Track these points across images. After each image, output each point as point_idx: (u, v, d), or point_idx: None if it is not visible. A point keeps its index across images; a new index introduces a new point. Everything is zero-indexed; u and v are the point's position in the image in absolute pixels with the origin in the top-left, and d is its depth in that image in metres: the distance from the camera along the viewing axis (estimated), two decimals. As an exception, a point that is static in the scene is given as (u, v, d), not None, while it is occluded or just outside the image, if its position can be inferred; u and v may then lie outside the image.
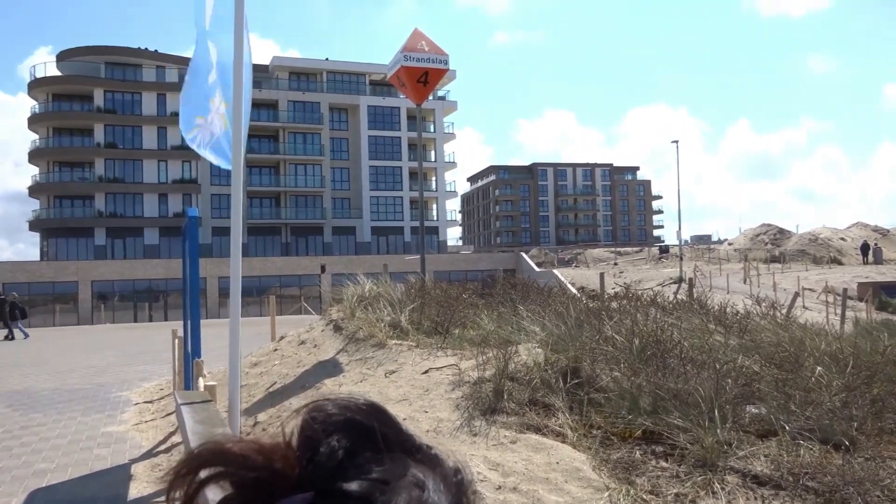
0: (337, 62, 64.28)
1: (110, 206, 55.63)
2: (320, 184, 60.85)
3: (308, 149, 60.87)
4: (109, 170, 55.72)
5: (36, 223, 56.26)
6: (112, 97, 56.36)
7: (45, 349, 20.66)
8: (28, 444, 7.83)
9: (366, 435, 0.65)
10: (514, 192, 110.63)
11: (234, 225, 4.66)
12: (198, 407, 3.83)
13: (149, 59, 57.88)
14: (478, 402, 5.64)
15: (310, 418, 0.67)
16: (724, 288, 32.06)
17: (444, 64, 10.63)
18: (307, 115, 61.00)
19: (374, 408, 0.69)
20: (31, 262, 48.61)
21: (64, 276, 44.07)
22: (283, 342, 10.82)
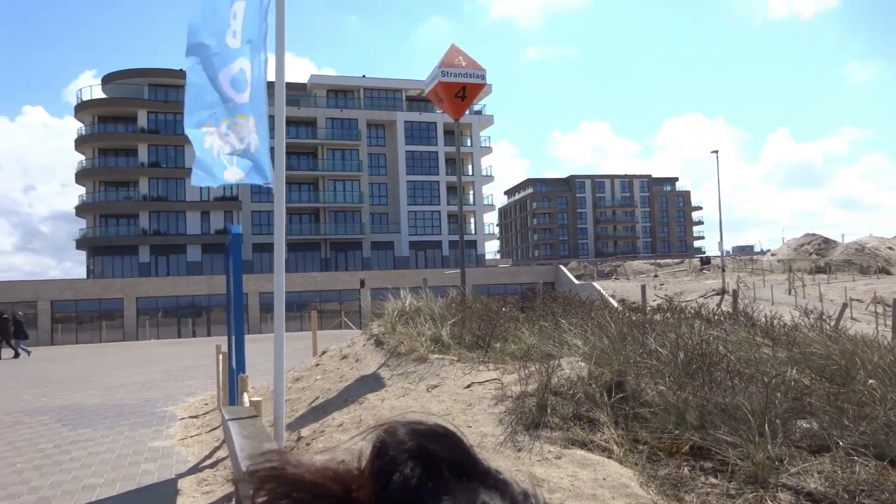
0: (373, 79, 64.98)
1: (154, 224, 56.90)
2: (359, 199, 61.40)
3: (346, 165, 61.54)
4: (153, 188, 57.07)
5: (83, 242, 57.81)
6: (155, 118, 57.78)
7: (93, 365, 21.14)
8: (77, 458, 8.00)
9: (437, 461, 0.65)
10: (551, 204, 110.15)
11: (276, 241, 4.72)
12: (245, 422, 3.86)
13: (190, 80, 59.18)
14: (521, 416, 5.60)
15: (381, 444, 0.67)
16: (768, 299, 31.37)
17: (481, 78, 10.67)
18: (345, 132, 61.72)
19: (444, 432, 0.69)
20: (78, 279, 49.94)
21: (110, 294, 45.14)
22: (324, 357, 10.89)
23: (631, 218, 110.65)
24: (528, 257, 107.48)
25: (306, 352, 13.83)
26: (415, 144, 63.77)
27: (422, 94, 65.41)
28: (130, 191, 57.28)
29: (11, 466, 7.70)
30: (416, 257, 63.01)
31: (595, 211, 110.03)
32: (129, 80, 58.14)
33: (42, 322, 42.89)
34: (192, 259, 56.61)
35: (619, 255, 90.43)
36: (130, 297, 45.09)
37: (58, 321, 43.67)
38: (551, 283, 51.13)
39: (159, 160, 57.38)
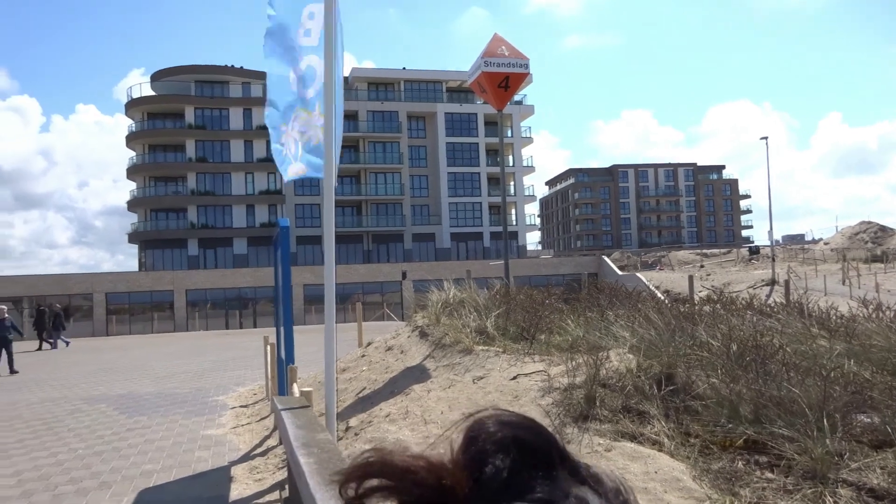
0: (413, 71, 65.06)
1: (202, 217, 58.07)
2: (400, 191, 61.66)
3: (387, 157, 61.82)
4: (201, 183, 58.21)
5: (134, 235, 59.35)
6: (202, 114, 58.87)
7: (146, 355, 21.71)
8: (135, 445, 8.24)
9: (529, 454, 0.65)
10: (593, 194, 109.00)
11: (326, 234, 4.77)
12: (297, 412, 3.93)
13: (235, 75, 60.17)
14: (569, 408, 5.57)
15: (471, 434, 0.67)
16: (820, 290, 30.55)
17: (524, 68, 10.59)
18: (386, 125, 61.98)
19: (533, 424, 0.69)
20: (130, 272, 51.30)
21: (160, 286, 46.25)
22: (370, 348, 10.99)
23: (676, 207, 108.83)
24: (569, 248, 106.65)
25: (351, 343, 13.98)
26: (455, 136, 63.69)
27: (462, 86, 65.32)
28: (179, 185, 58.54)
29: (73, 452, 7.97)
30: (458, 249, 63.05)
31: (638, 200, 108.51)
32: (176, 78, 59.35)
33: (97, 314, 44.19)
34: (239, 252, 57.66)
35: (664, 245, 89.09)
36: (180, 289, 46.13)
37: (112, 312, 44.93)
38: (594, 274, 50.66)
39: (206, 155, 58.50)
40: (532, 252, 73.32)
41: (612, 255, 61.29)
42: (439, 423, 5.89)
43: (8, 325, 18.23)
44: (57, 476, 6.91)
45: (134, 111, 59.63)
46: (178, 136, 58.22)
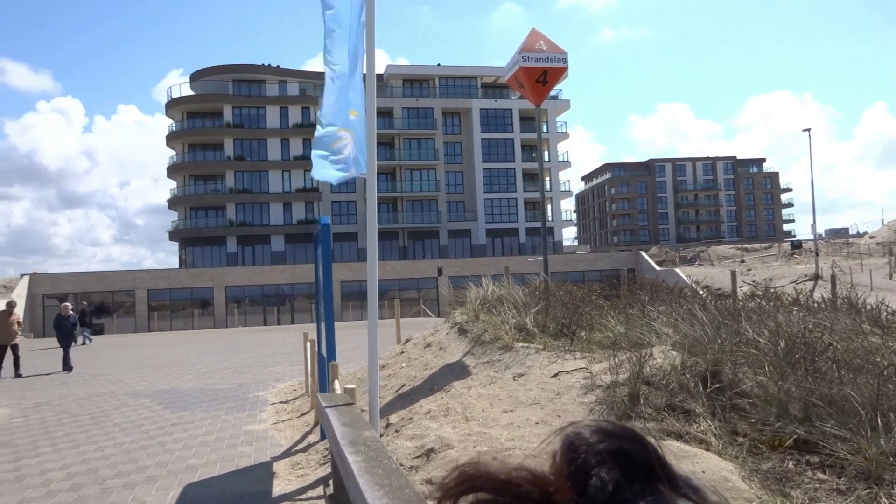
0: (448, 67, 65.01)
1: (240, 215, 58.89)
2: (435, 188, 61.71)
3: (422, 154, 61.91)
4: (239, 181, 59.02)
5: (175, 233, 60.46)
6: (239, 112, 59.67)
7: (187, 351, 22.10)
8: (179, 440, 8.38)
9: (632, 465, 0.62)
10: (630, 189, 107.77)
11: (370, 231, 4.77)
12: (341, 409, 3.94)
13: (271, 74, 60.83)
14: (612, 406, 5.50)
15: (572, 445, 0.65)
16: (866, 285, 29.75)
17: (562, 62, 10.48)
18: (421, 121, 62.06)
19: (633, 434, 0.66)
20: (171, 269, 52.29)
21: (200, 283, 47.05)
22: (408, 345, 11.01)
23: (714, 201, 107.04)
24: (606, 244, 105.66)
25: (389, 339, 14.04)
26: (490, 132, 63.50)
27: (497, 81, 65.07)
28: (218, 184, 59.46)
29: (120, 446, 8.14)
30: (493, 245, 62.91)
31: (676, 195, 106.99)
32: (214, 77, 60.25)
33: (139, 310, 45.15)
34: (276, 249, 58.35)
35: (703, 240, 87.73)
36: (220, 285, 46.87)
37: (153, 309, 45.86)
38: (631, 269, 50.12)
39: (244, 153, 59.29)
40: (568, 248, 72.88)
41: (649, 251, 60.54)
42: (480, 421, 5.87)
43: (73, 322, 18.04)
44: (104, 469, 7.06)
45: (174, 111, 60.69)
46: (217, 135, 59.10)
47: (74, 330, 17.92)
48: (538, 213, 64.13)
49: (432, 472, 4.99)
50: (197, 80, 60.94)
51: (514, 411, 6.01)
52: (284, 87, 60.38)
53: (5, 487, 6.53)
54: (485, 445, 5.18)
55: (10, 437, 8.99)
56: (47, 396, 12.69)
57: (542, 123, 64.38)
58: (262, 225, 58.98)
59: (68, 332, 17.53)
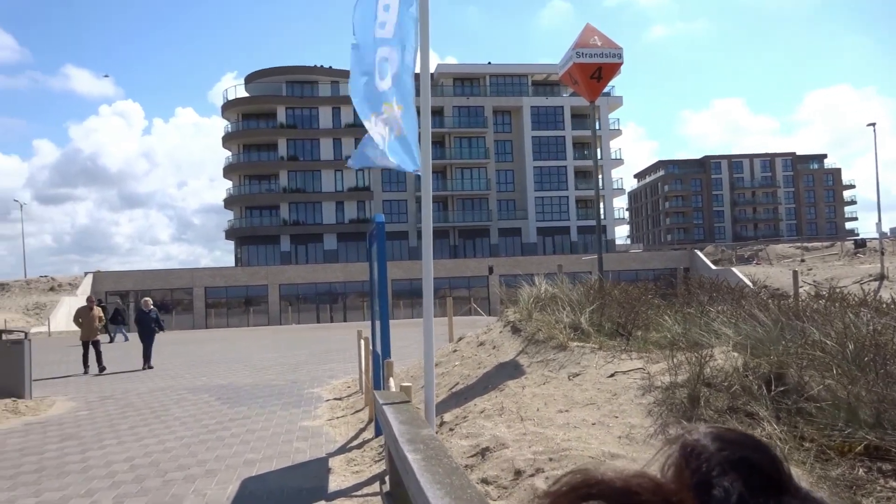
0: (499, 65, 64.81)
1: (293, 214, 59.86)
2: (486, 186, 61.61)
3: (473, 152, 61.88)
4: (292, 181, 60.00)
5: (231, 232, 61.83)
6: (292, 113, 60.65)
7: (243, 348, 22.57)
8: (237, 434, 8.55)
9: (756, 476, 0.58)
10: (684, 187, 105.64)
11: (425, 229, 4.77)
12: (398, 407, 3.94)
13: (323, 75, 61.66)
14: (672, 408, 5.38)
15: (692, 452, 0.61)
16: (936, 285, 28.51)
17: (618, 58, 10.31)
18: (471, 120, 62.03)
19: (755, 442, 0.62)
20: (227, 267, 53.51)
21: (255, 281, 48.00)
22: (461, 343, 11.01)
23: (773, 199, 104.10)
24: (659, 242, 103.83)
25: (441, 338, 14.05)
26: (541, 129, 63.07)
27: (548, 79, 64.57)
28: (272, 183, 60.57)
29: (180, 439, 8.34)
30: (544, 243, 62.48)
31: (733, 192, 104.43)
32: (268, 79, 61.38)
33: (197, 307, 46.32)
34: (329, 247, 59.11)
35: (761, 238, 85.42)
36: (274, 283, 47.74)
37: (210, 306, 46.99)
38: (686, 268, 49.13)
39: (297, 154, 60.25)
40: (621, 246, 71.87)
41: (704, 249, 59.26)
42: (535, 420, 5.82)
43: (154, 318, 17.34)
44: (166, 462, 7.24)
45: (229, 112, 62.05)
46: (271, 136, 60.19)
47: (155, 325, 17.22)
48: (590, 211, 63.41)
49: (487, 472, 4.97)
50: (251, 82, 62.19)
51: (570, 411, 5.93)
52: (336, 87, 61.09)
53: (73, 478, 6.76)
54: (540, 446, 5.12)
55: (77, 430, 9.32)
56: (111, 390, 13.10)
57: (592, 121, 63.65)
58: (314, 224, 59.83)
59: (150, 328, 17.03)
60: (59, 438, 8.79)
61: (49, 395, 12.44)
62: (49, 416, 10.49)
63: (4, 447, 8.39)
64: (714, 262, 52.52)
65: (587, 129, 63.22)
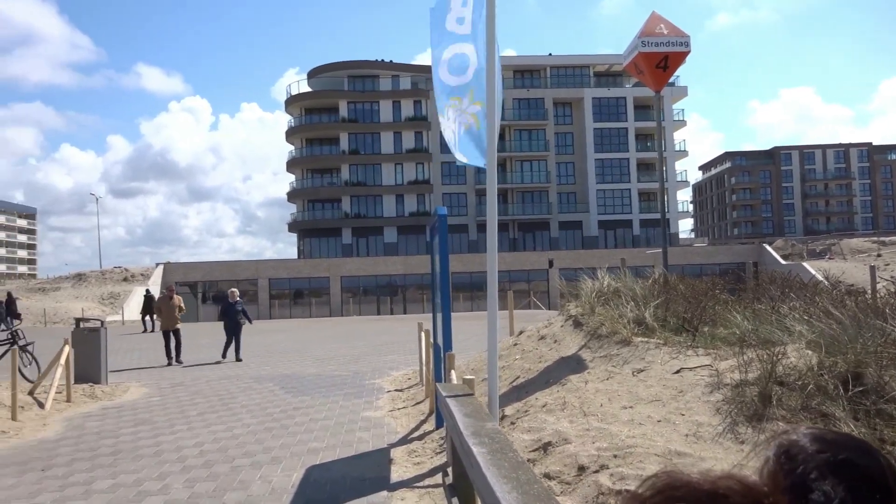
0: (559, 56, 64.06)
1: (355, 207, 60.64)
2: (546, 179, 61.09)
3: (533, 145, 61.42)
4: (353, 174, 60.76)
5: (294, 225, 63.08)
6: (354, 107, 61.36)
7: (306, 339, 22.99)
8: (301, 423, 8.71)
9: (863, 481, 0.54)
10: (752, 179, 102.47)
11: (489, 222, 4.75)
12: (462, 400, 3.94)
13: (384, 69, 62.15)
14: (741, 406, 5.23)
15: (788, 454, 0.57)
16: None
17: (684, 46, 10.03)
18: (531, 112, 61.55)
19: (858, 443, 0.58)
20: (290, 259, 54.65)
21: (317, 273, 48.86)
22: (522, 337, 10.94)
23: (847, 191, 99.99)
24: (725, 236, 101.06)
25: (502, 331, 13.96)
26: (603, 121, 62.11)
27: (610, 70, 63.49)
28: (334, 177, 61.48)
29: (247, 427, 8.56)
30: (606, 237, 61.60)
31: (803, 184, 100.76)
32: (330, 74, 62.24)
33: (261, 298, 47.44)
34: (389, 240, 59.68)
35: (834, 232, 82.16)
36: (335, 275, 48.50)
37: (274, 297, 48.07)
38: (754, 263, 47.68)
39: (358, 147, 60.96)
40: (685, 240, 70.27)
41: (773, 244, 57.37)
42: (599, 416, 5.74)
43: (240, 310, 16.48)
44: (233, 449, 7.44)
45: (293, 107, 63.20)
46: (333, 130, 61.06)
47: (240, 318, 16.38)
48: (652, 204, 62.15)
49: (550, 467, 4.92)
50: (314, 77, 63.17)
51: (634, 408, 5.83)
52: (397, 81, 61.54)
53: (146, 461, 7.02)
54: (604, 442, 5.05)
55: (150, 415, 9.66)
56: (181, 378, 13.54)
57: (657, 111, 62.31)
58: (375, 217, 60.48)
59: (236, 321, 16.25)
60: (133, 423, 9.14)
61: (123, 381, 12.94)
62: (124, 402, 10.91)
63: (83, 430, 8.78)
64: (784, 257, 50.80)
65: (650, 120, 61.95)
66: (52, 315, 38.15)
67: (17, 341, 12.73)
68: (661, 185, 10.71)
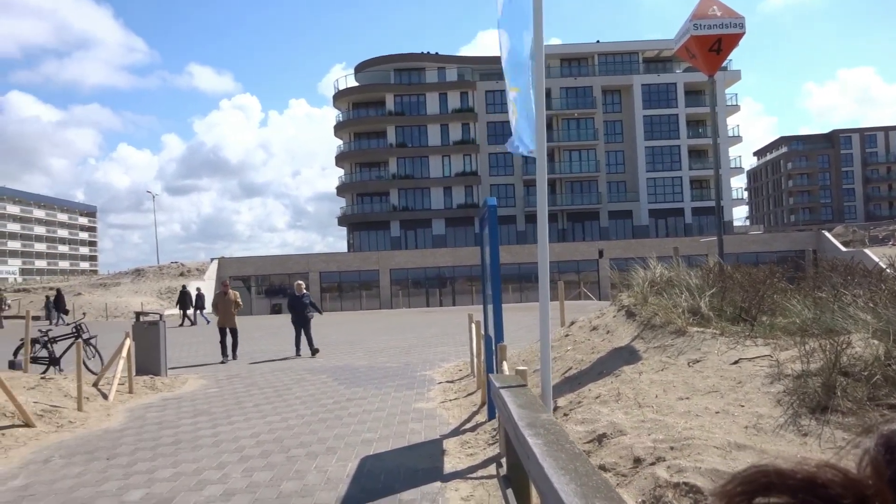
0: (608, 43, 63.07)
1: (403, 200, 60.96)
2: (595, 168, 60.34)
3: (581, 134, 60.70)
4: (401, 168, 61.07)
5: (343, 219, 63.77)
6: (400, 100, 61.59)
7: (357, 331, 23.24)
8: (354, 414, 8.81)
9: None
10: (809, 163, 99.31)
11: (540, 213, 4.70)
12: (516, 391, 3.91)
13: (430, 62, 62.19)
14: (804, 398, 5.07)
15: (889, 445, 0.54)
16: None
17: (739, 28, 9.73)
18: (579, 101, 60.78)
19: None
20: (340, 253, 55.28)
21: (367, 266, 49.33)
22: (573, 327, 10.85)
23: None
24: (782, 223, 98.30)
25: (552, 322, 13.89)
26: (653, 108, 60.95)
27: (660, 55, 62.22)
28: (381, 170, 61.90)
29: (301, 418, 8.70)
30: (657, 226, 60.55)
31: (865, 169, 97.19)
32: (377, 68, 62.60)
33: (312, 291, 48.07)
34: (437, 232, 59.83)
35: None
36: (384, 268, 48.90)
37: (325, 290, 48.72)
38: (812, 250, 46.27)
39: (405, 140, 61.19)
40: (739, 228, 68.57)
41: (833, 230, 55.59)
42: (654, 408, 5.64)
43: (307, 303, 15.86)
44: (289, 439, 7.56)
45: (340, 102, 63.79)
46: (380, 124, 61.43)
47: (308, 310, 15.81)
48: (705, 191, 60.81)
49: (605, 459, 4.86)
50: (361, 71, 63.61)
51: (691, 399, 5.71)
52: (443, 73, 61.51)
53: (206, 451, 7.19)
54: (661, 433, 4.96)
55: (208, 406, 9.90)
56: (237, 369, 13.84)
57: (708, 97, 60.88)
58: (423, 209, 60.69)
59: (303, 314, 15.69)
60: (192, 413, 9.38)
61: (182, 373, 13.29)
62: (182, 393, 11.20)
63: (145, 420, 9.05)
64: (844, 244, 49.19)
65: (702, 105, 60.55)
66: (112, 309, 39.43)
67: (81, 335, 13.22)
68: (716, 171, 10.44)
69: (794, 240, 51.28)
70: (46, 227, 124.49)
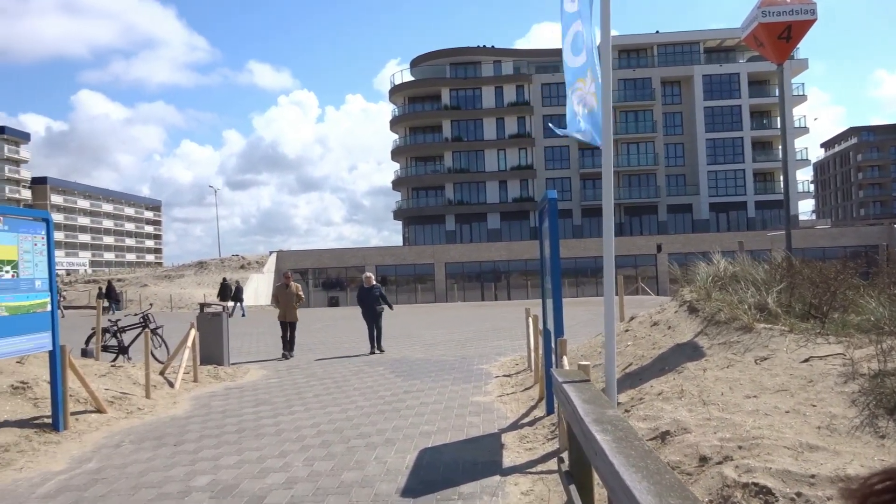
0: (667, 34, 61.71)
1: (458, 194, 61.02)
2: (653, 161, 59.22)
3: (640, 126, 59.66)
4: (456, 161, 61.12)
5: (399, 213, 64.25)
6: (456, 94, 61.60)
7: (413, 324, 23.38)
8: (412, 407, 8.85)
9: None
10: (881, 155, 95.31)
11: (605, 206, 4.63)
12: (579, 386, 3.86)
13: (486, 55, 61.98)
14: (881, 398, 4.87)
15: None
16: None
17: (810, 14, 9.36)
18: (638, 92, 59.72)
19: None
20: (396, 247, 55.72)
21: (422, 259, 49.59)
22: (633, 323, 10.67)
23: None
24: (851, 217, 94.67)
25: (610, 317, 13.70)
26: (714, 99, 59.41)
27: (722, 45, 60.56)
28: (437, 164, 62.09)
29: (360, 409, 8.79)
30: (717, 220, 59.07)
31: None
32: (432, 62, 62.76)
33: (368, 285, 48.68)
34: (492, 226, 59.70)
35: (976, 211, 75.25)
36: (440, 262, 49.07)
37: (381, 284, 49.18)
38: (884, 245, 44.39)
39: (461, 134, 61.21)
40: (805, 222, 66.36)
41: (906, 225, 53.16)
42: (720, 406, 5.50)
43: (377, 295, 14.98)
44: (348, 430, 7.65)
45: (396, 97, 64.20)
46: (436, 118, 61.59)
47: (378, 304, 14.97)
48: (769, 184, 59.03)
49: (669, 457, 4.76)
50: (416, 66, 63.86)
51: (759, 397, 5.55)
52: (499, 66, 61.25)
53: (268, 440, 7.34)
54: (727, 432, 4.83)
55: (269, 396, 10.10)
56: (296, 361, 14.09)
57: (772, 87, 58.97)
58: (478, 203, 60.64)
59: (373, 308, 14.91)
60: (254, 403, 9.58)
61: (244, 364, 13.60)
62: (244, 383, 11.46)
63: (210, 408, 9.29)
64: (918, 239, 47.03)
65: (766, 95, 58.74)
66: (177, 300, 40.67)
67: (148, 325, 13.67)
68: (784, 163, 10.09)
69: (863, 234, 49.35)
70: (114, 220, 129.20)
